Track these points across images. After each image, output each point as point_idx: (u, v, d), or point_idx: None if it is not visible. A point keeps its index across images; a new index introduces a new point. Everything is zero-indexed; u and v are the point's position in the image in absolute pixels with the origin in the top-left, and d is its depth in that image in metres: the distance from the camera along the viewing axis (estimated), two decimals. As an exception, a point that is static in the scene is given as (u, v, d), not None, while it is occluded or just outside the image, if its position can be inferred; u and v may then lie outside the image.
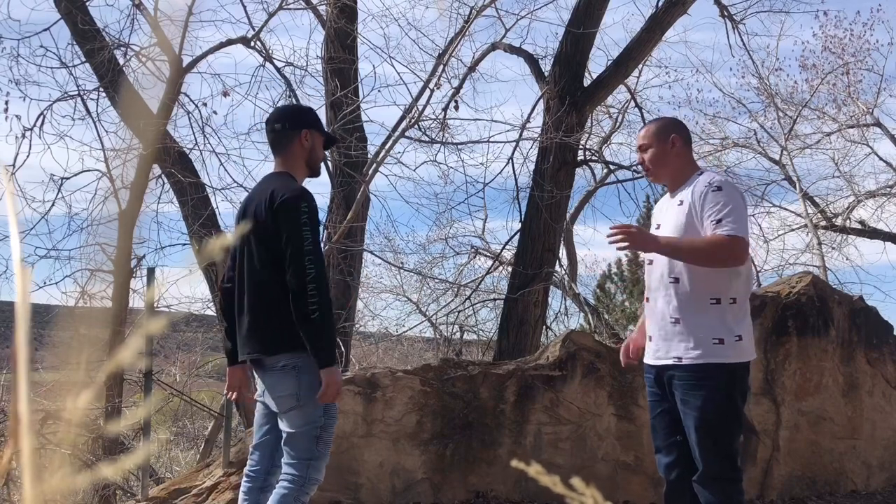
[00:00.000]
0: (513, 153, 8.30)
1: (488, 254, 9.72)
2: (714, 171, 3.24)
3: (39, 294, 6.52)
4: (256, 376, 3.10)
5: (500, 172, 9.03)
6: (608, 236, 2.93)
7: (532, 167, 7.98)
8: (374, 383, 4.36)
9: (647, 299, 3.16)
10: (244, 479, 3.15)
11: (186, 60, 6.92)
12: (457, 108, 7.58)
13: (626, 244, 2.95)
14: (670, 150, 3.12)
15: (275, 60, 7.24)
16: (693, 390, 2.99)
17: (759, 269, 10.27)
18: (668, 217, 3.08)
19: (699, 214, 2.95)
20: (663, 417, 3.15)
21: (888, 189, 11.83)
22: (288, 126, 3.09)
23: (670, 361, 3.04)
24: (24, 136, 6.74)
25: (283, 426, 2.98)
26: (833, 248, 11.66)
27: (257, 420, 3.17)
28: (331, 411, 2.97)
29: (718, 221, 2.88)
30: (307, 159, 3.11)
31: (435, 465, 4.44)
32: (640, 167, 3.24)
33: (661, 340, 3.08)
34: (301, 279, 2.82)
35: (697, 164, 3.22)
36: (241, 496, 3.11)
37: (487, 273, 9.39)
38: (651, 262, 3.13)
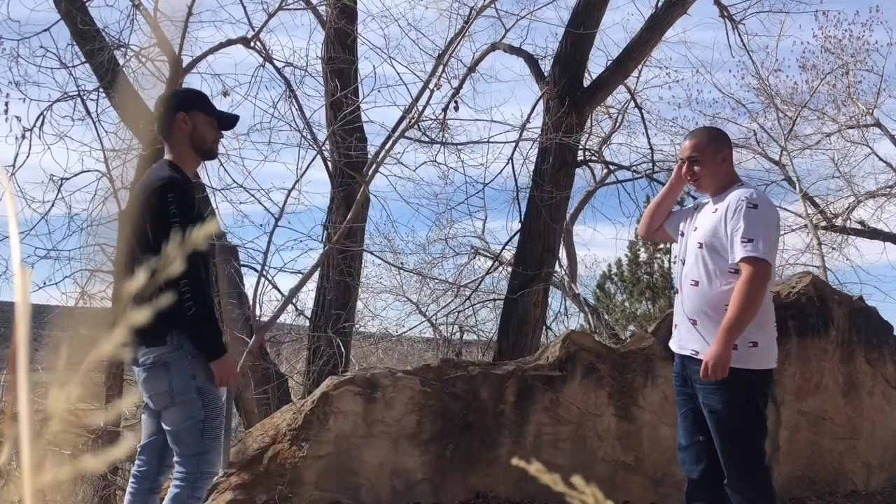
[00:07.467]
0: (512, 153, 8.30)
1: (488, 254, 9.71)
2: (751, 186, 3.31)
3: (39, 294, 6.51)
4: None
5: (499, 173, 9.01)
6: (704, 376, 3.00)
7: (532, 167, 7.97)
8: (374, 384, 4.36)
9: (677, 292, 3.30)
10: (131, 480, 2.99)
11: (186, 61, 6.90)
12: (457, 108, 7.58)
13: (722, 374, 2.99)
14: (721, 165, 3.22)
15: (275, 61, 7.23)
16: (712, 394, 3.07)
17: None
18: (705, 222, 3.19)
19: (727, 226, 3.05)
20: (688, 416, 3.25)
21: (888, 189, 11.84)
22: (164, 111, 3.01)
23: (688, 353, 3.18)
24: (24, 136, 6.74)
25: (165, 424, 2.85)
26: (833, 249, 11.68)
27: (144, 420, 3.04)
28: (210, 402, 2.82)
29: (750, 241, 2.97)
30: (191, 142, 3.04)
31: (435, 466, 4.43)
32: (690, 177, 3.28)
33: (683, 331, 3.23)
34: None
35: (737, 174, 3.31)
36: (126, 497, 2.95)
37: (487, 273, 9.39)
38: (684, 262, 3.25)
